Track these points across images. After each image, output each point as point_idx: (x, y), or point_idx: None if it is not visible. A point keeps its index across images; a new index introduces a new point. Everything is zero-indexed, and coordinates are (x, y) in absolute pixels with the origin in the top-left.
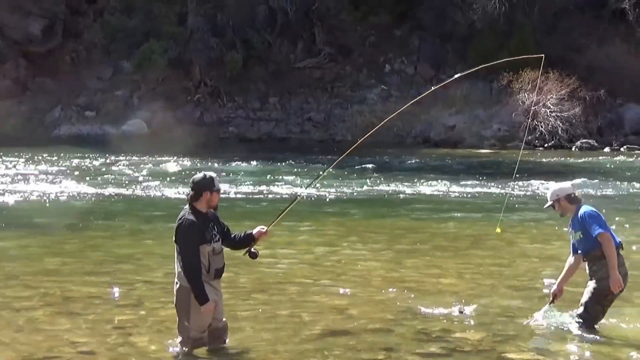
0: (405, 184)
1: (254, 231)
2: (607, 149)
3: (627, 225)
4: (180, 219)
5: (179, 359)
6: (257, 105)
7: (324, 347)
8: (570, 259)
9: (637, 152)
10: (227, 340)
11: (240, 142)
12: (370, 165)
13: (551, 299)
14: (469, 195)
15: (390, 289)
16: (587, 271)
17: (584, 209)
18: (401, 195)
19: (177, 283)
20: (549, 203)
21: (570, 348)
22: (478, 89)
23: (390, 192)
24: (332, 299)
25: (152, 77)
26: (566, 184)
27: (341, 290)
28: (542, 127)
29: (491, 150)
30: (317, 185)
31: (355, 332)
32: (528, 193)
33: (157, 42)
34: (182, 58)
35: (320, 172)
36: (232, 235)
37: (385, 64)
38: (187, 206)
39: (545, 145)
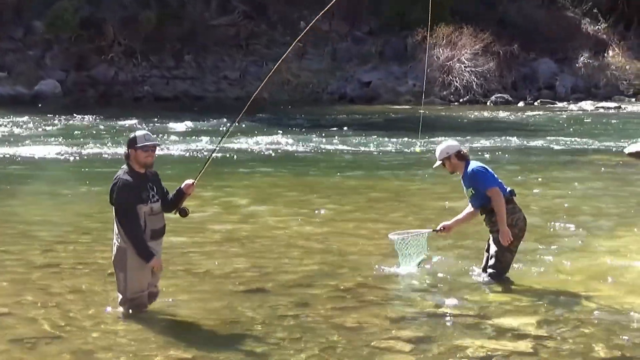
0: (324, 141)
1: (182, 186)
2: (521, 103)
3: (541, 179)
4: (115, 179)
5: (103, 319)
6: (172, 64)
7: (239, 305)
8: (469, 207)
9: (550, 106)
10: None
11: (155, 101)
12: (288, 123)
13: (439, 227)
14: (386, 152)
15: (308, 246)
16: (486, 224)
17: (472, 165)
18: (320, 153)
19: (115, 243)
20: (439, 162)
21: (483, 299)
22: (393, 45)
23: (308, 150)
24: (248, 257)
25: (65, 36)
26: (454, 142)
27: (258, 248)
28: (456, 82)
29: (407, 106)
30: (235, 144)
31: (272, 290)
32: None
33: (69, 1)
34: (95, 17)
35: (230, 126)
36: (169, 197)
37: (300, 20)
38: (124, 166)
39: (461, 100)
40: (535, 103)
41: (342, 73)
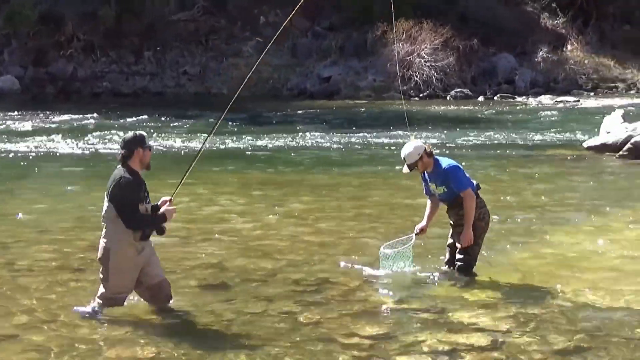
0: (283, 137)
1: (159, 202)
2: (480, 98)
3: (500, 173)
4: (116, 178)
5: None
6: (132, 60)
7: (200, 300)
8: (429, 201)
9: (509, 100)
10: (170, 301)
11: (114, 96)
12: (247, 119)
13: (416, 232)
14: (347, 147)
15: (271, 243)
16: (450, 217)
17: (444, 162)
18: (281, 150)
19: (103, 241)
20: (406, 169)
21: (444, 294)
22: (353, 40)
23: (267, 145)
24: (207, 253)
25: (23, 32)
26: (417, 141)
27: (215, 244)
28: (416, 76)
29: (366, 101)
30: (197, 140)
31: (233, 285)
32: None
33: None
34: (54, 12)
35: (217, 122)
36: None
37: (260, 16)
38: (120, 166)
39: (421, 95)
40: (495, 98)
41: (302, 69)
